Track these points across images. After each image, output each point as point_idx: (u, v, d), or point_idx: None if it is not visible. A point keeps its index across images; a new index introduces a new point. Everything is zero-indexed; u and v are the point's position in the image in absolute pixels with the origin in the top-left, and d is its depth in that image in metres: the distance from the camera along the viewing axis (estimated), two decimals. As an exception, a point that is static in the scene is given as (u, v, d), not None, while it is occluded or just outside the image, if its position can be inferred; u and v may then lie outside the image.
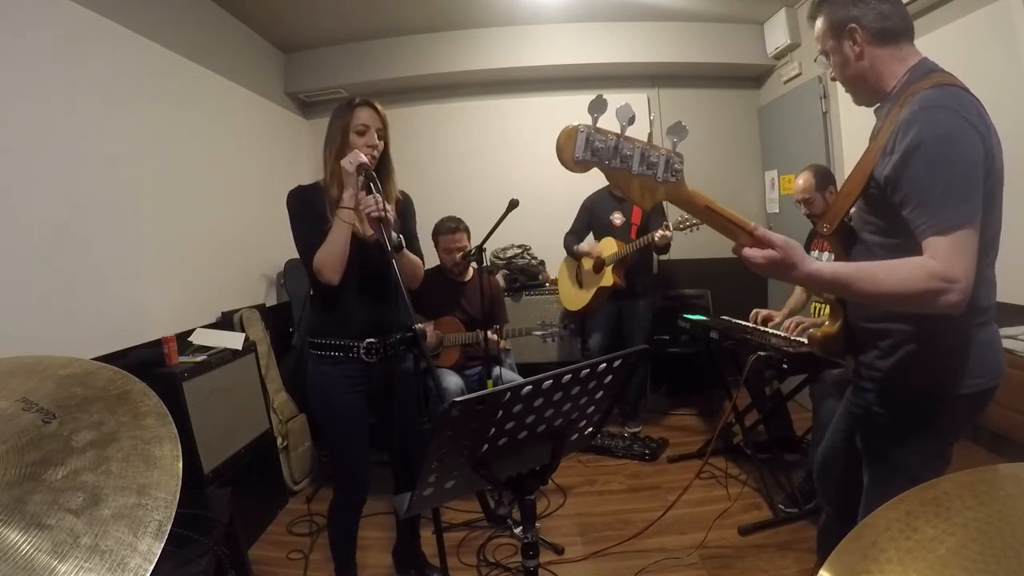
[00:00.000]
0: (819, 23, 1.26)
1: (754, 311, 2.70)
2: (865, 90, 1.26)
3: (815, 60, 1.34)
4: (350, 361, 1.79)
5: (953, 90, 1.12)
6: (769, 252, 1.05)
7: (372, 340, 1.79)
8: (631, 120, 0.94)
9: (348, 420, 1.81)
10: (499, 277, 3.99)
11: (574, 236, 3.63)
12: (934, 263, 1.04)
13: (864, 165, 1.21)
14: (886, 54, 1.20)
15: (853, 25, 1.19)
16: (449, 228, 2.98)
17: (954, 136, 1.06)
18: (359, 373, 1.80)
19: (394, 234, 1.66)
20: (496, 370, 2.85)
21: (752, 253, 1.06)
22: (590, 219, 3.62)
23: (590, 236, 3.67)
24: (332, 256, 1.68)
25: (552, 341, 3.37)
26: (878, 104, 1.27)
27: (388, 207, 1.61)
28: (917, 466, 1.21)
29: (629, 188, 1.00)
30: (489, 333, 2.76)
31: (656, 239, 3.15)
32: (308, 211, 1.74)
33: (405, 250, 1.77)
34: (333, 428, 1.85)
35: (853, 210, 1.29)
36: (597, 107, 0.94)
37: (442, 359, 2.98)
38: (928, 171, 1.06)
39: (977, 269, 1.13)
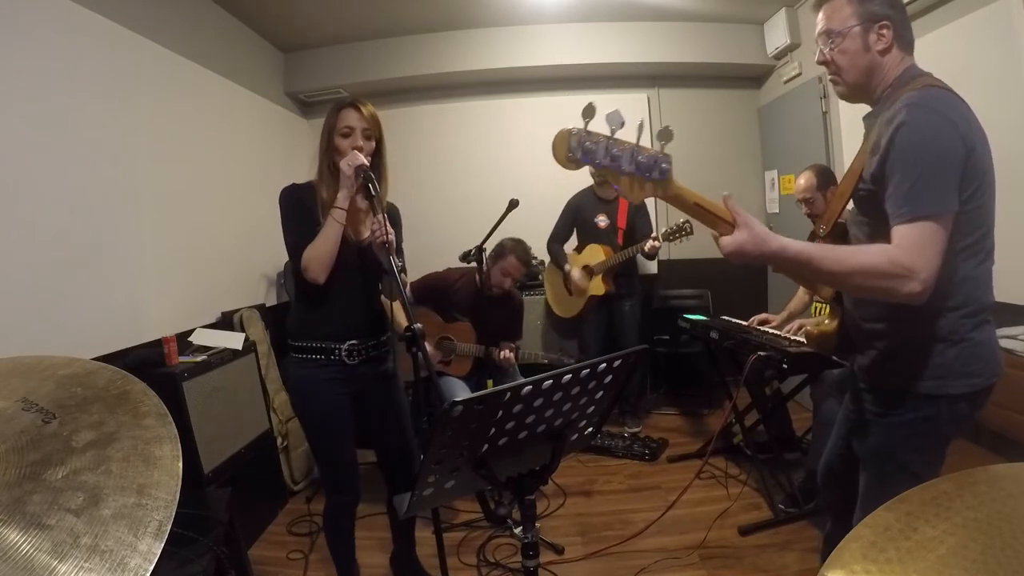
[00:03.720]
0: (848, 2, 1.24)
1: (752, 317, 2.71)
2: (858, 83, 1.26)
3: (817, 33, 1.29)
4: (331, 363, 1.77)
5: (935, 91, 1.15)
6: (736, 234, 1.09)
7: (354, 342, 1.78)
8: (621, 124, 1.02)
9: (333, 423, 1.80)
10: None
11: (559, 243, 3.60)
12: (896, 251, 1.07)
13: (855, 168, 1.24)
14: (898, 60, 1.23)
15: (887, 23, 1.20)
16: (524, 260, 2.87)
17: (930, 131, 1.09)
18: (341, 376, 1.78)
19: (397, 260, 1.67)
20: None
21: (724, 240, 1.10)
22: (574, 221, 3.60)
23: (572, 239, 3.66)
24: (321, 254, 1.67)
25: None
26: (854, 102, 1.30)
27: (390, 229, 1.61)
28: (918, 464, 1.21)
29: (618, 182, 1.07)
30: (506, 352, 2.77)
31: (646, 249, 3.16)
32: (299, 208, 1.74)
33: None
34: (318, 431, 1.83)
35: (847, 211, 1.31)
36: (588, 112, 1.04)
37: (454, 368, 2.95)
38: (902, 163, 1.10)
39: (970, 268, 1.15)
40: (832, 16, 1.25)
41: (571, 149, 1.02)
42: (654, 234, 3.19)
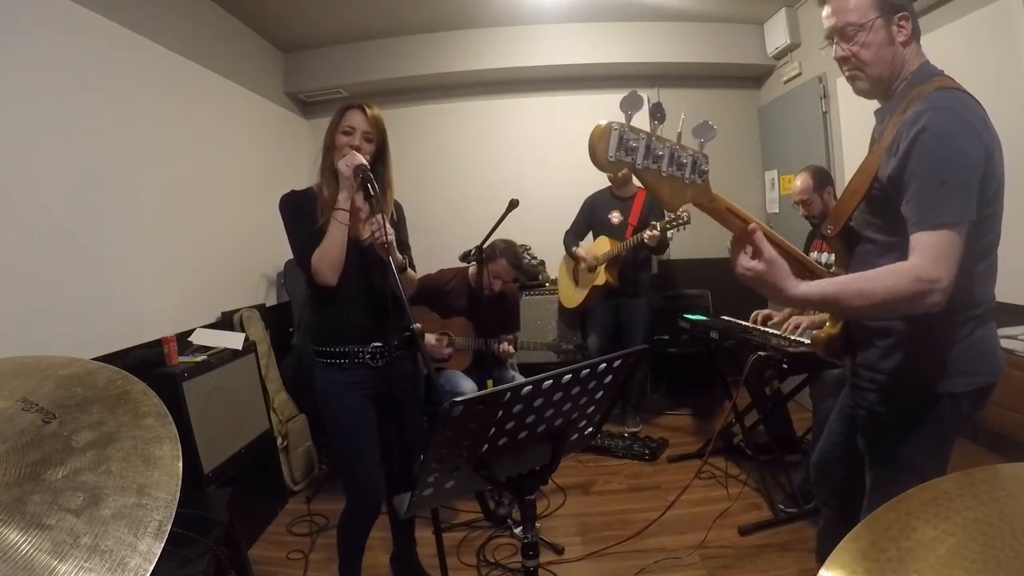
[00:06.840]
0: None
1: (754, 312, 2.71)
2: (881, 77, 1.23)
3: (830, 28, 1.24)
4: (356, 367, 1.77)
5: (957, 94, 1.13)
6: (754, 264, 1.05)
7: (377, 344, 1.78)
8: (662, 118, 0.92)
9: (358, 429, 1.80)
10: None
11: (573, 235, 3.64)
12: (918, 266, 1.06)
13: (868, 166, 1.22)
14: (915, 52, 1.22)
15: (906, 14, 1.19)
16: (515, 264, 2.83)
17: (954, 136, 1.08)
18: (365, 379, 1.79)
19: (399, 256, 1.66)
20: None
21: (741, 261, 1.06)
22: (590, 218, 3.63)
23: (589, 236, 3.67)
24: (329, 256, 1.68)
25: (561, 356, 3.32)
26: (875, 97, 1.27)
27: (391, 230, 1.60)
28: (925, 463, 1.21)
29: (659, 189, 0.98)
30: (505, 345, 2.78)
31: (645, 238, 3.16)
32: (299, 214, 1.74)
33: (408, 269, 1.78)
34: (343, 438, 1.82)
35: (856, 211, 1.29)
36: (632, 104, 0.89)
37: (454, 362, 2.95)
38: (926, 168, 1.08)
39: (974, 268, 1.15)
40: (848, 9, 1.21)
41: (611, 148, 0.88)
42: (653, 223, 3.19)
